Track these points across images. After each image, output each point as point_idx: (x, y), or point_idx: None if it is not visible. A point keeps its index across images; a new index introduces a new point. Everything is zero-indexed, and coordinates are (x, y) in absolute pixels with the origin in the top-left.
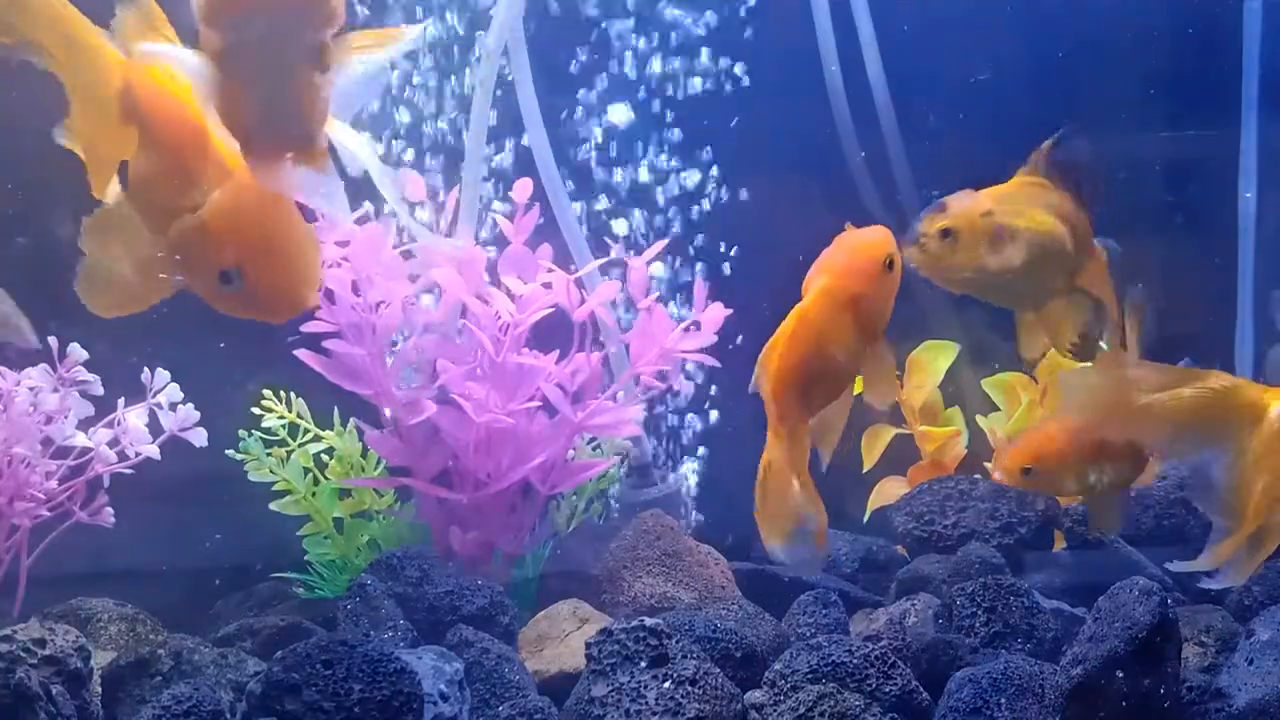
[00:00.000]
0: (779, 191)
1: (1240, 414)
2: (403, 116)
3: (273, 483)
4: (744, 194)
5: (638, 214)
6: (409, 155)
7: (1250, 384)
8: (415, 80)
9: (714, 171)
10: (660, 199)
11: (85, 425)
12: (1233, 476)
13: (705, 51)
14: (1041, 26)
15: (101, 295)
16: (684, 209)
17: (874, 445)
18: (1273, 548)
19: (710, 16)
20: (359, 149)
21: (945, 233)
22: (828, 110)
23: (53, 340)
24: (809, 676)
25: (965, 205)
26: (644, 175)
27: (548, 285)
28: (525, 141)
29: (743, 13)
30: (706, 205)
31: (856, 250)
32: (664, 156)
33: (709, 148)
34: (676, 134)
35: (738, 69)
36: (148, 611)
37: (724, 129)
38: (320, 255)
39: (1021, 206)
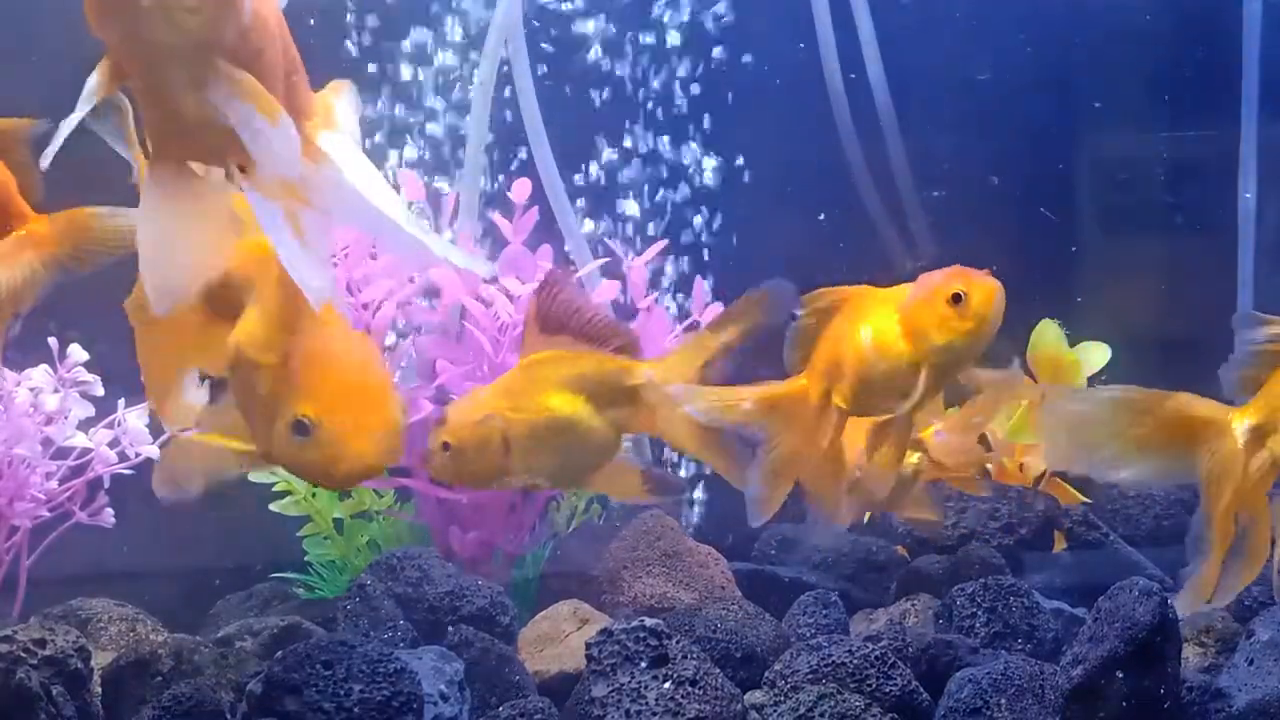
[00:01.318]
0: (778, 193)
1: (1201, 433)
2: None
3: (273, 483)
4: (742, 195)
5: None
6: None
7: (1210, 402)
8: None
9: (712, 172)
10: (659, 201)
11: (85, 426)
12: (1202, 500)
13: (704, 52)
14: (1042, 27)
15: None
16: (684, 210)
17: None
18: (1258, 568)
19: (712, 16)
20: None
21: (445, 446)
22: (828, 110)
23: (53, 341)
24: (809, 677)
25: (463, 415)
26: (641, 175)
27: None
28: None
29: (743, 13)
30: (706, 208)
31: (943, 276)
32: (662, 158)
33: (709, 148)
34: (674, 136)
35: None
36: (148, 611)
37: (723, 130)
38: (404, 416)
39: (524, 396)
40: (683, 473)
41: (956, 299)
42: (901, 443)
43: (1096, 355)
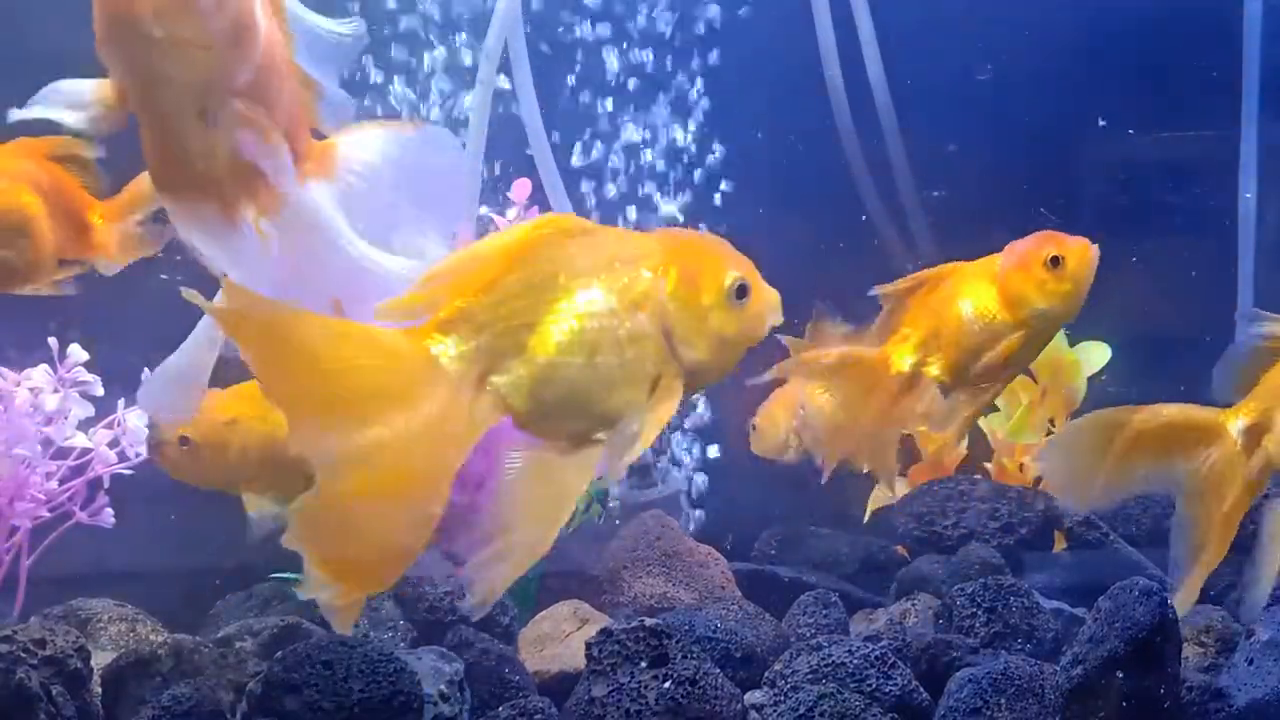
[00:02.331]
0: (777, 192)
1: (1195, 439)
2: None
3: None
4: (743, 195)
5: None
6: None
7: (1197, 407)
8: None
9: (710, 171)
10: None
11: (85, 426)
12: (1198, 504)
13: (701, 51)
14: (1042, 26)
15: None
16: (683, 208)
17: None
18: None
19: (710, 15)
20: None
21: (184, 440)
22: (828, 109)
23: (53, 341)
24: (809, 677)
25: (211, 413)
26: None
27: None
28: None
29: (743, 12)
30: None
31: (1035, 241)
32: (664, 157)
33: (707, 147)
34: (675, 133)
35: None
36: (147, 611)
37: (722, 129)
38: None
39: (267, 407)
40: (684, 473)
41: (1054, 262)
42: (978, 411)
43: (1096, 355)
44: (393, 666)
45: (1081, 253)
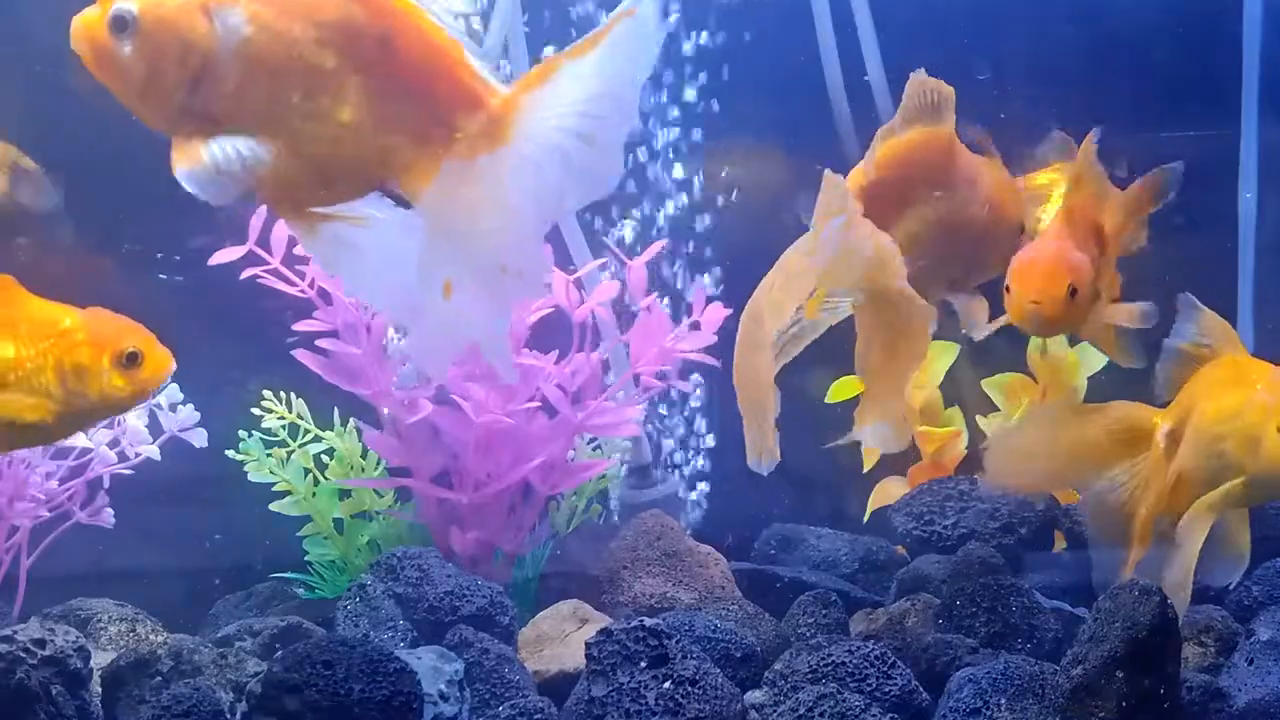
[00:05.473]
0: (775, 191)
1: (1131, 438)
2: None
3: (273, 483)
4: (740, 194)
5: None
6: None
7: (1141, 407)
8: None
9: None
10: (658, 200)
11: None
12: (1129, 501)
13: (700, 48)
14: (1042, 26)
15: None
16: (682, 209)
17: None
18: (1194, 554)
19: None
20: None
21: None
22: (827, 108)
23: None
24: (809, 676)
25: None
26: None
27: (547, 286)
28: None
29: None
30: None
31: None
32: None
33: (705, 146)
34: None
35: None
36: (148, 611)
37: (720, 127)
38: None
39: None
40: (685, 472)
41: None
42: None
43: (1096, 355)
44: (393, 666)
45: None
